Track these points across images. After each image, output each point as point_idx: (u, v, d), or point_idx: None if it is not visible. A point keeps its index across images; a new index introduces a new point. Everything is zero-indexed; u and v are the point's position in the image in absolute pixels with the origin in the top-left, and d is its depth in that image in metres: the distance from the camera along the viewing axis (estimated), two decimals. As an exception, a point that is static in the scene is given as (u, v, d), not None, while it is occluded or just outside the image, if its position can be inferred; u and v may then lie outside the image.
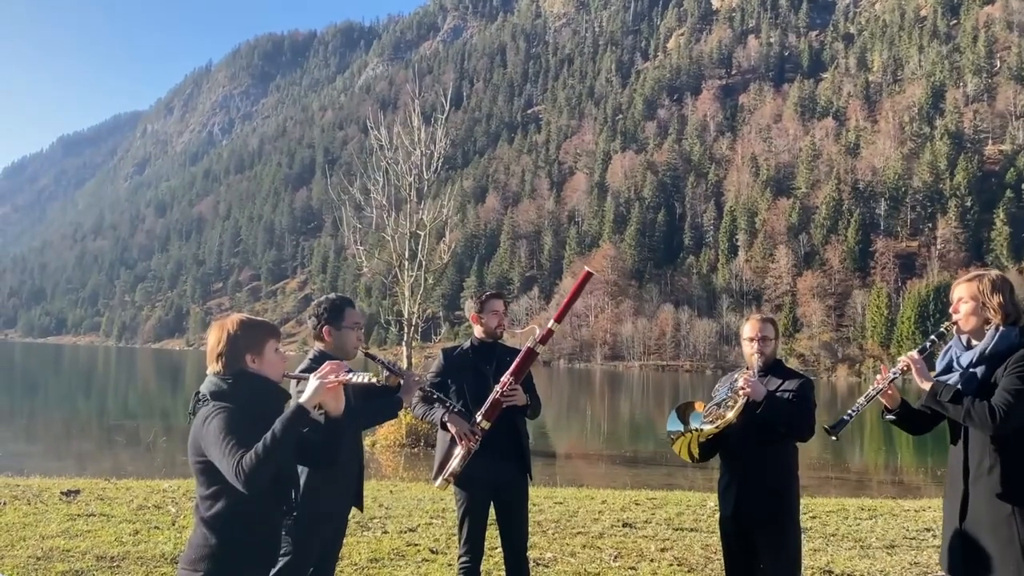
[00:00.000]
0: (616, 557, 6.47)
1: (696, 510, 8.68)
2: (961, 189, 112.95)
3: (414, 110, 17.33)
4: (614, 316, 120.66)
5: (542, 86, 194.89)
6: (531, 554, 6.46)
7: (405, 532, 7.12)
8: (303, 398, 2.73)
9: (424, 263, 15.99)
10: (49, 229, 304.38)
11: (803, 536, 7.34)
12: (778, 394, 3.95)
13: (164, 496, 8.56)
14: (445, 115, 17.83)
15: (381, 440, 16.21)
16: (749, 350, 4.06)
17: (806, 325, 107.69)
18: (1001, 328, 3.26)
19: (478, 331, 4.47)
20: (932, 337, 3.53)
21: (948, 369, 3.42)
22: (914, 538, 7.52)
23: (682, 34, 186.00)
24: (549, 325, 4.21)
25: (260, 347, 2.94)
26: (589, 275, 4.31)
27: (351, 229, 16.64)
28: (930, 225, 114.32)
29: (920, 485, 15.44)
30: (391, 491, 9.64)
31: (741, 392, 3.88)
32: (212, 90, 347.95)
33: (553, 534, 7.30)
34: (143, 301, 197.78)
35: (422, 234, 16.15)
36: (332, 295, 4.07)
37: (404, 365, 16.67)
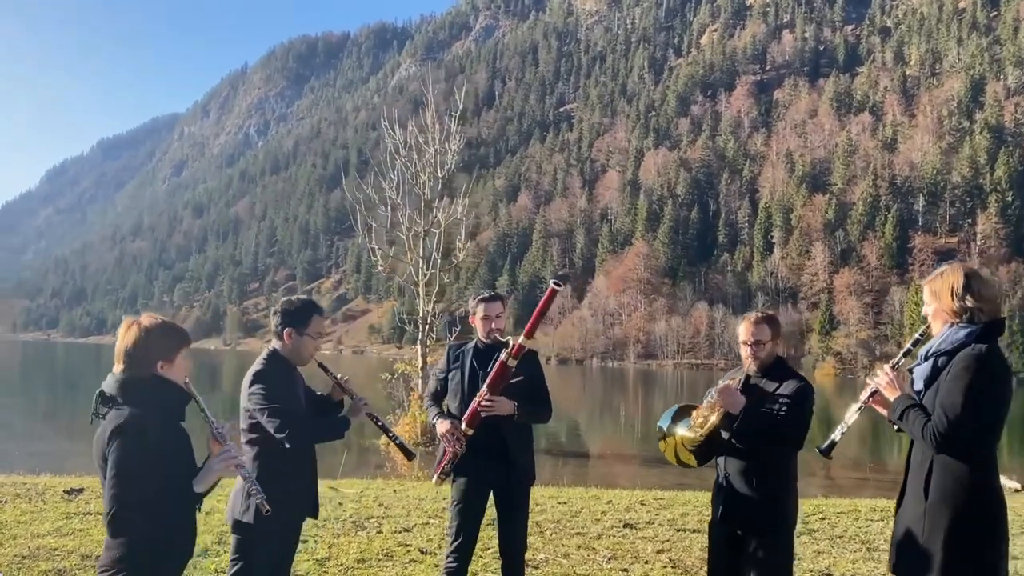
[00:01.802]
0: (610, 558, 6.33)
1: (702, 511, 8.48)
2: (1002, 183, 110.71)
3: (428, 108, 17.21)
4: (647, 314, 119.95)
5: (574, 84, 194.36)
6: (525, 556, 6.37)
7: (399, 532, 7.03)
8: (199, 487, 2.88)
9: (438, 261, 15.89)
10: (90, 231, 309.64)
11: (810, 538, 7.22)
12: (772, 399, 3.76)
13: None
14: (459, 112, 17.67)
15: (396, 440, 16.08)
16: (744, 353, 3.92)
17: (843, 323, 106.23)
18: (954, 325, 3.07)
19: (479, 332, 4.44)
20: (908, 347, 3.33)
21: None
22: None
23: (715, 30, 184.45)
24: (519, 340, 4.16)
25: (173, 354, 2.95)
26: (555, 291, 4.23)
27: (365, 228, 16.60)
28: (969, 220, 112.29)
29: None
30: (395, 490, 9.56)
31: (717, 405, 3.75)
32: (248, 92, 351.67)
33: (551, 535, 7.17)
34: (181, 301, 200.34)
35: (437, 232, 16.07)
36: (303, 297, 3.98)
37: (420, 364, 16.60)
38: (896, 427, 3.26)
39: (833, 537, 7.34)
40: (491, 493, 4.34)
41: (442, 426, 4.24)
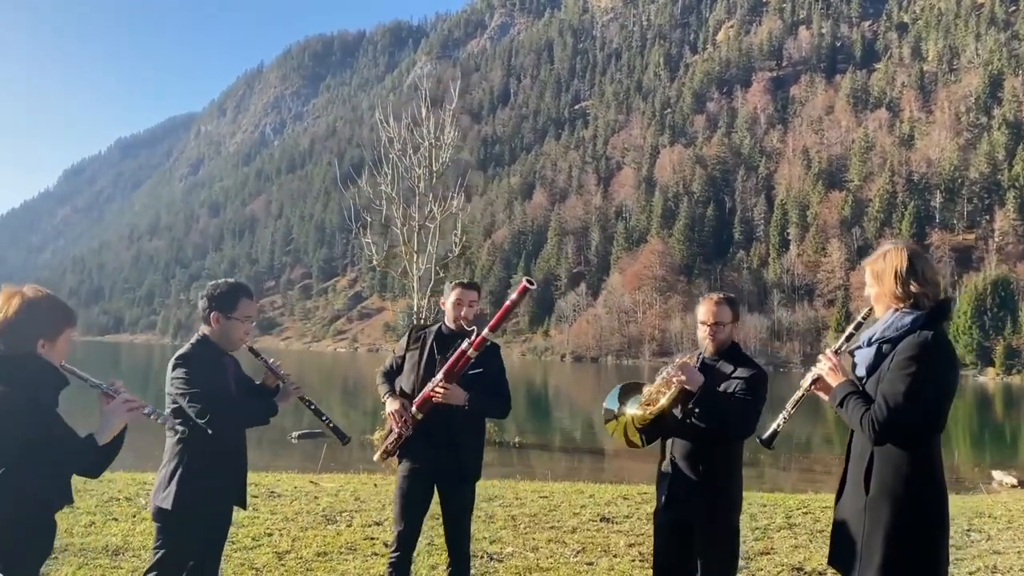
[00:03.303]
0: (579, 552, 6.21)
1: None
2: (1020, 180, 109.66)
3: (423, 103, 17.13)
4: (663, 312, 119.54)
5: (589, 81, 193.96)
6: (491, 548, 6.25)
7: (370, 526, 6.92)
8: (101, 438, 2.71)
9: (434, 255, 15.81)
10: (107, 230, 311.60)
11: (789, 532, 7.06)
12: (727, 383, 3.71)
13: (141, 488, 8.46)
14: (453, 106, 17.58)
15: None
16: (702, 334, 3.85)
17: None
18: (898, 310, 2.89)
19: (446, 318, 4.35)
20: (850, 330, 3.13)
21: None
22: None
23: (731, 26, 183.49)
24: (483, 333, 4.06)
25: (56, 334, 2.75)
26: (527, 289, 4.12)
27: (361, 224, 16.57)
28: (987, 217, 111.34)
29: (964, 478, 15.07)
30: (376, 485, 9.46)
31: (675, 379, 3.66)
32: (264, 91, 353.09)
33: (524, 528, 7.05)
34: (197, 299, 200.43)
35: (432, 226, 15.99)
36: (230, 280, 3.87)
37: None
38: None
39: (814, 532, 7.18)
40: (435, 485, 4.25)
41: (392, 405, 4.15)
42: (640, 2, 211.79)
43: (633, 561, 5.94)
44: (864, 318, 3.10)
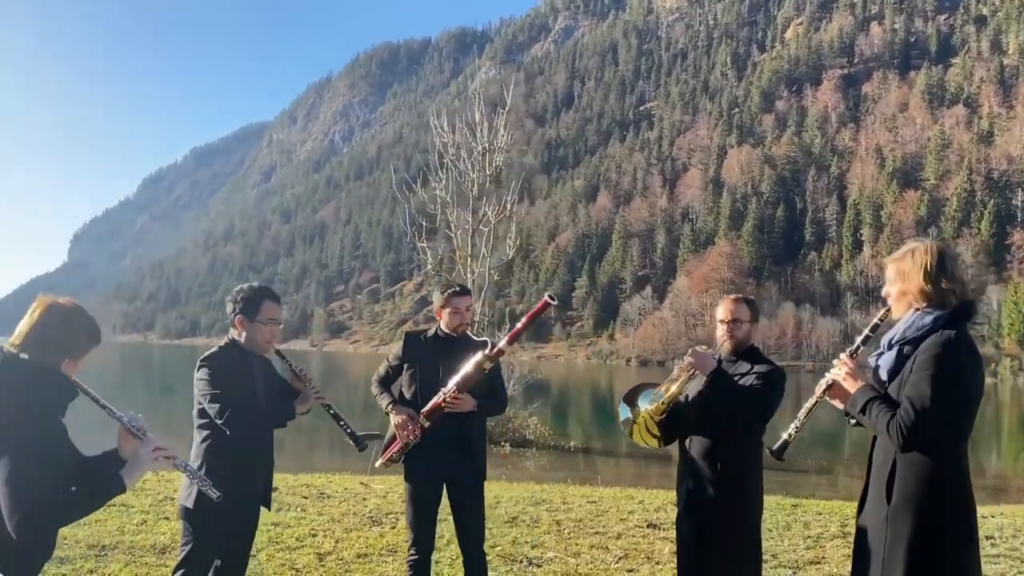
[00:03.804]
0: (621, 558, 6.10)
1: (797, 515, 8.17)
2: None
3: (478, 106, 17.16)
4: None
5: (654, 82, 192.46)
6: (532, 553, 6.19)
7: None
8: (128, 480, 2.54)
9: (488, 259, 15.83)
10: (184, 237, 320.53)
11: (842, 542, 6.82)
12: (743, 380, 3.69)
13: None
14: (507, 109, 17.57)
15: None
16: (720, 332, 3.86)
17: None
18: (920, 309, 2.76)
19: (442, 324, 4.34)
20: (866, 332, 3.01)
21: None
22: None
23: (800, 23, 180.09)
24: (500, 344, 4.10)
25: (81, 357, 2.66)
26: (547, 304, 4.06)
27: (416, 228, 16.68)
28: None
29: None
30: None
31: (687, 364, 3.69)
32: (333, 100, 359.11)
33: (568, 533, 6.97)
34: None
35: (486, 230, 16.02)
36: (254, 284, 3.89)
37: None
38: (852, 422, 2.99)
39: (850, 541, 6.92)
40: (445, 486, 4.28)
41: (398, 416, 4.17)
42: (706, 1, 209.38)
43: (676, 569, 5.82)
44: (881, 319, 2.96)
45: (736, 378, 3.70)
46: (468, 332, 4.27)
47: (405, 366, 4.33)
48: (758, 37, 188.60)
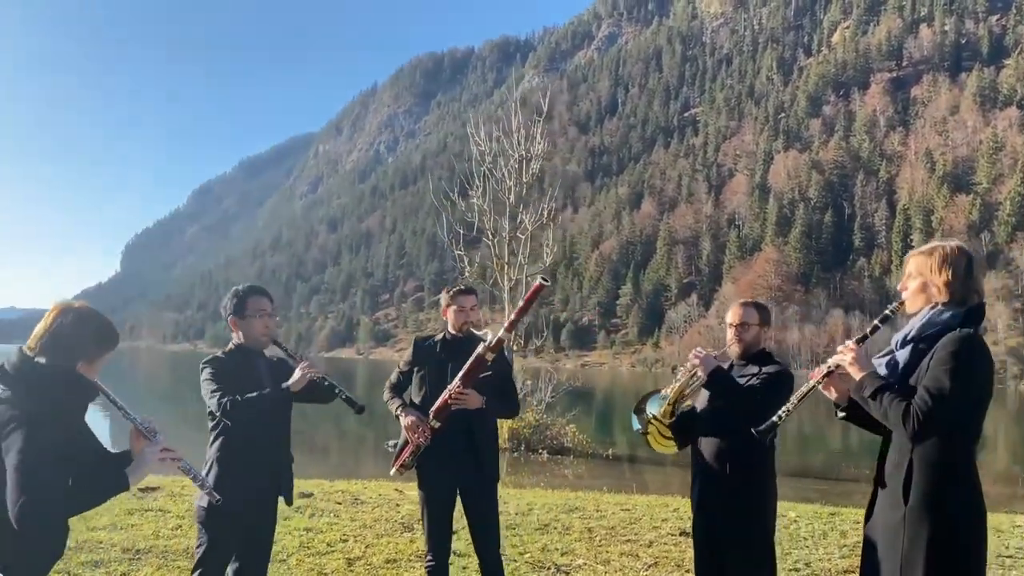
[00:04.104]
0: (650, 566, 6.06)
1: (811, 522, 8.06)
2: None
3: (514, 115, 17.23)
4: (779, 323, 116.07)
5: (699, 88, 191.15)
6: (560, 560, 6.16)
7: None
8: (132, 478, 2.60)
9: (524, 266, 15.85)
10: (233, 246, 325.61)
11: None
12: (749, 380, 3.73)
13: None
14: (543, 117, 17.62)
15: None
16: (729, 336, 3.92)
17: (991, 330, 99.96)
18: (939, 306, 2.79)
19: (449, 325, 4.38)
20: (876, 322, 2.98)
21: (890, 353, 2.91)
22: (1011, 556, 6.66)
23: (847, 27, 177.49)
24: (500, 334, 4.08)
25: (96, 359, 2.73)
26: (542, 287, 4.11)
27: (453, 235, 16.79)
28: None
29: None
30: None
31: (690, 364, 3.74)
32: (378, 110, 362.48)
33: (600, 541, 6.93)
34: (317, 312, 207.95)
35: (523, 237, 16.05)
36: (239, 286, 3.95)
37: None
38: (841, 415, 3.01)
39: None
40: (458, 491, 4.28)
41: (407, 418, 4.19)
42: (751, 6, 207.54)
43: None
44: (893, 311, 2.94)
45: (744, 379, 3.73)
46: (473, 331, 4.27)
47: (415, 370, 4.36)
48: (804, 41, 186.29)
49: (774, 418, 3.03)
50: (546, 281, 4.12)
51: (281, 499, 3.92)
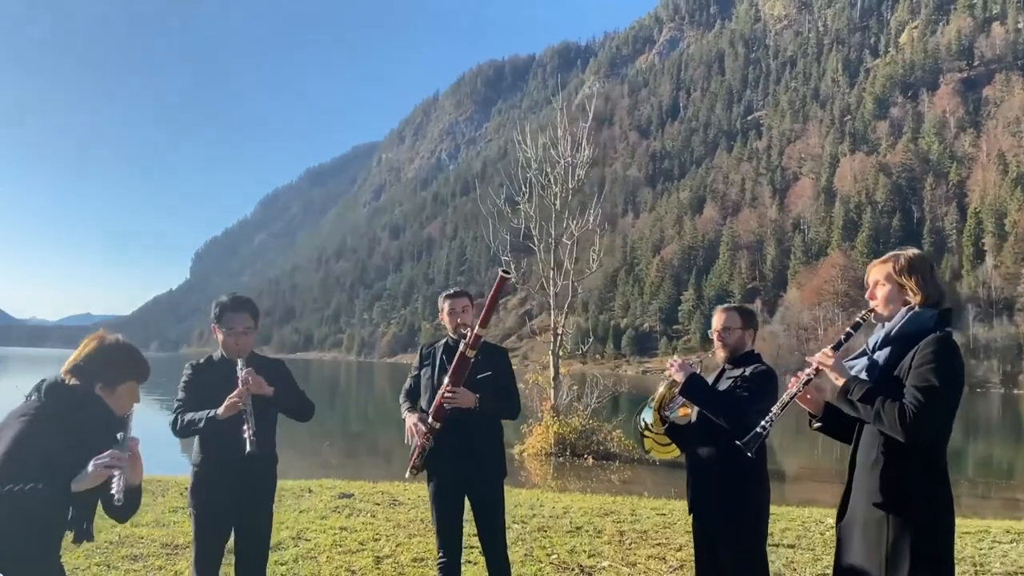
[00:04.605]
0: (676, 569, 6.09)
1: (809, 525, 7.99)
2: None
3: (561, 120, 17.33)
4: (845, 328, 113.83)
5: (763, 91, 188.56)
6: (587, 562, 6.23)
7: (475, 535, 7.04)
8: (75, 485, 2.60)
9: (570, 272, 15.94)
10: (298, 254, 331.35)
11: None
12: (732, 383, 3.79)
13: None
14: (588, 122, 17.68)
15: (529, 449, 16.30)
16: (715, 343, 4.02)
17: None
18: (916, 308, 2.87)
19: (448, 328, 4.52)
20: (848, 330, 3.09)
21: (863, 355, 2.99)
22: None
23: (915, 27, 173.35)
24: (475, 330, 4.16)
25: (114, 383, 2.92)
26: (503, 279, 4.21)
27: (501, 242, 16.95)
28: None
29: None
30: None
31: (667, 373, 3.84)
32: (439, 118, 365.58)
33: (630, 544, 6.98)
34: (379, 318, 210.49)
35: (569, 243, 16.11)
36: (225, 297, 4.08)
37: (552, 375, 16.62)
38: (816, 425, 3.11)
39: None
40: (461, 489, 4.39)
41: (409, 419, 4.33)
42: (815, 7, 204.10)
43: None
44: (863, 318, 3.06)
45: (730, 381, 3.81)
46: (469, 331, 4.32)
47: (421, 374, 4.50)
48: (870, 42, 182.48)
49: (758, 429, 3.11)
50: (507, 273, 4.21)
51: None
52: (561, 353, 16.76)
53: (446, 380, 4.20)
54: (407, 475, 4.44)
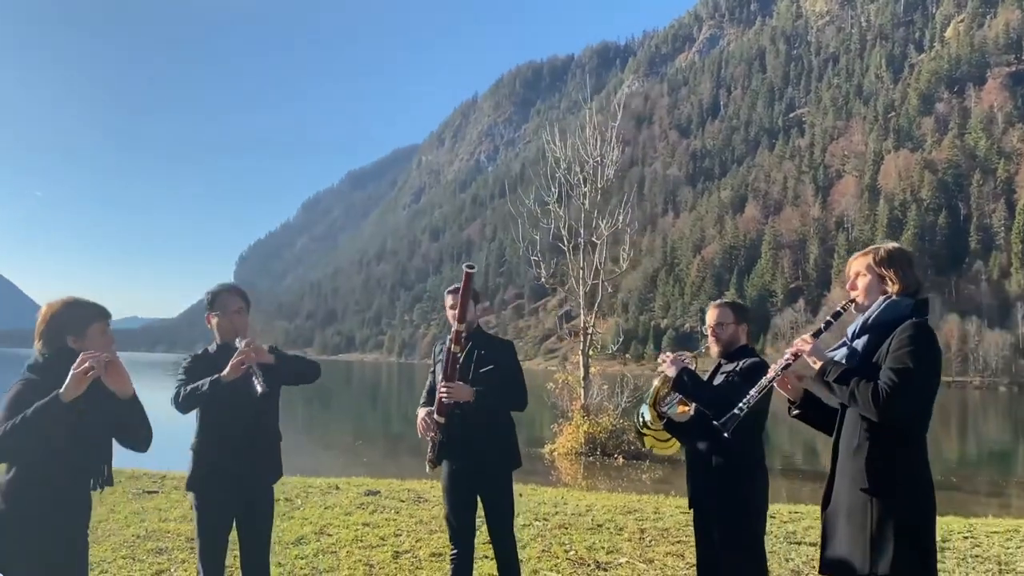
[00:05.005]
0: (694, 566, 6.04)
1: (806, 521, 7.94)
2: None
3: (589, 120, 17.33)
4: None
5: (804, 88, 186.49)
6: (604, 558, 6.24)
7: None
8: (62, 391, 2.78)
9: (600, 271, 15.93)
10: (340, 256, 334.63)
11: (940, 556, 6.51)
12: (726, 377, 3.83)
13: (309, 487, 9.13)
14: (617, 121, 17.64)
15: (559, 448, 16.30)
16: (709, 339, 4.07)
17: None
18: (893, 297, 2.93)
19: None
20: (828, 318, 3.18)
21: (843, 346, 3.04)
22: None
23: (961, 21, 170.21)
24: (456, 327, 4.19)
25: (82, 328, 3.07)
26: (469, 274, 4.17)
27: (529, 243, 17.01)
28: None
29: None
30: (520, 494, 9.60)
31: (660, 368, 3.88)
32: (478, 120, 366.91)
33: (649, 541, 6.97)
34: (420, 320, 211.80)
35: (598, 243, 16.09)
36: (213, 287, 4.13)
37: (582, 375, 16.61)
38: (795, 413, 3.19)
39: (967, 556, 6.60)
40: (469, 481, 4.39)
41: (419, 416, 4.38)
42: (858, 3, 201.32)
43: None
44: (843, 308, 3.12)
45: (725, 375, 3.85)
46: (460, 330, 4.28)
47: (435, 370, 4.54)
48: (915, 37, 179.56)
49: (735, 410, 3.14)
50: (471, 268, 4.18)
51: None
52: (592, 353, 16.74)
53: (440, 376, 4.27)
54: (427, 468, 4.46)
